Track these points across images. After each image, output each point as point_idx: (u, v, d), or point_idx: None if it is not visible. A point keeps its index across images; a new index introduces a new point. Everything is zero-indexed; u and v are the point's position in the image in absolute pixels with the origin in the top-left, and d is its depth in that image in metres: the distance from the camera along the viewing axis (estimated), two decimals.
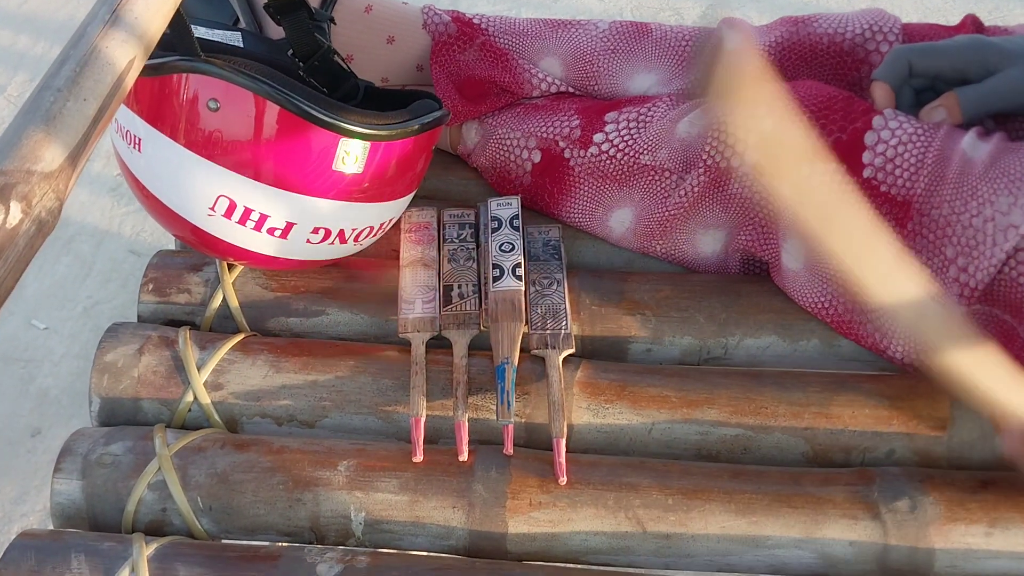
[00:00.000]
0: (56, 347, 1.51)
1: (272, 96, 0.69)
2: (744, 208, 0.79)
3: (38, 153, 0.49)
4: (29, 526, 1.34)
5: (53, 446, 1.41)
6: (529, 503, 0.67)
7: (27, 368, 1.49)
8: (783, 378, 0.75)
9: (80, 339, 1.52)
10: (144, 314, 0.81)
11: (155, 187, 0.73)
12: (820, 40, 0.85)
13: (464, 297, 0.79)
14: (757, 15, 1.86)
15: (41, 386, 1.47)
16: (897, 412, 0.72)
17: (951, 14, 1.85)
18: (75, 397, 1.47)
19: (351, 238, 0.77)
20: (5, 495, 1.36)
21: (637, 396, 0.73)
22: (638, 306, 0.79)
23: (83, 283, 1.60)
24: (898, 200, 0.72)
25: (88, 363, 1.49)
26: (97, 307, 1.57)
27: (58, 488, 0.70)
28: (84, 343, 1.52)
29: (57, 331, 1.53)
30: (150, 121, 0.71)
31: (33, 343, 1.52)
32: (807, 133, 0.74)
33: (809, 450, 0.72)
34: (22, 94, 1.83)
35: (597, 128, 0.84)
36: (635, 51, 0.89)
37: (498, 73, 0.88)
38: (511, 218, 0.83)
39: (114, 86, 0.54)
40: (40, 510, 1.35)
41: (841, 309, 0.77)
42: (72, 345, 1.52)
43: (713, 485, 0.68)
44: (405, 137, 0.73)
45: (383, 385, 0.74)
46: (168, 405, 0.75)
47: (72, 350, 1.51)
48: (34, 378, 1.48)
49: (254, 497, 0.68)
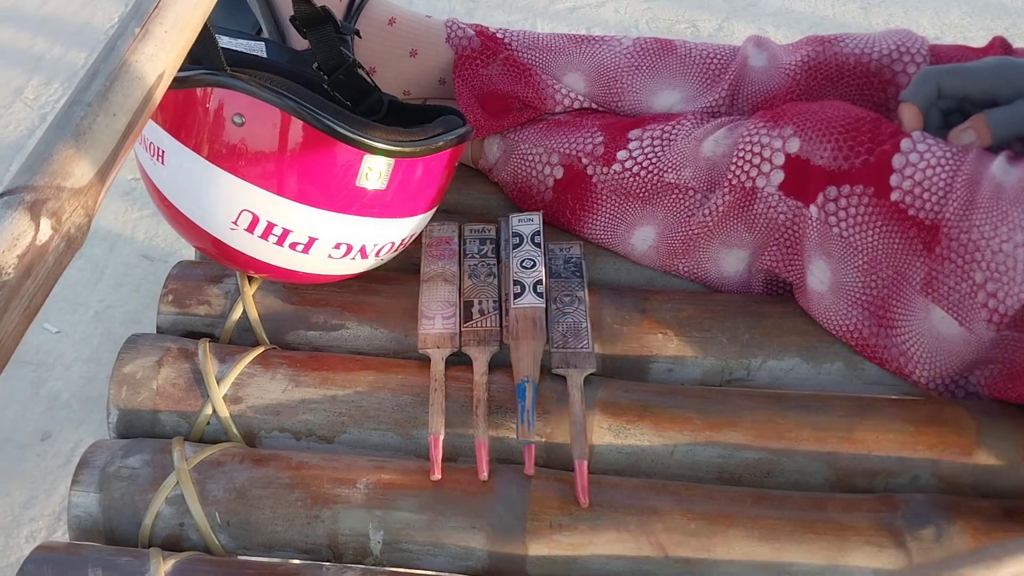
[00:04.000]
0: (67, 351, 1.51)
1: (297, 112, 0.68)
2: (769, 228, 0.78)
3: (68, 169, 0.48)
4: (38, 531, 1.34)
5: (63, 450, 1.41)
6: (550, 525, 0.67)
7: (38, 372, 1.49)
8: (807, 401, 0.74)
9: (91, 343, 1.52)
10: (163, 325, 0.81)
11: (177, 200, 0.73)
12: (847, 60, 0.84)
13: (485, 313, 0.78)
14: (773, 30, 1.86)
15: (52, 390, 1.47)
16: (922, 437, 0.72)
17: (968, 30, 1.85)
18: (85, 401, 1.46)
19: (372, 253, 0.76)
20: (14, 499, 1.35)
21: (659, 417, 0.73)
22: (660, 325, 0.79)
23: (95, 287, 1.60)
24: (926, 224, 0.71)
25: (99, 367, 1.49)
26: (108, 311, 1.57)
27: (75, 500, 0.69)
28: (95, 347, 1.52)
29: (68, 335, 1.53)
30: (174, 134, 0.70)
31: (44, 346, 1.51)
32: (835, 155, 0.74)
33: (832, 475, 0.72)
34: (38, 96, 1.82)
35: (621, 145, 0.83)
36: (659, 68, 0.88)
37: (521, 88, 0.88)
38: (532, 234, 0.83)
39: (143, 101, 0.54)
40: (49, 514, 1.35)
41: (866, 332, 0.76)
42: (83, 349, 1.51)
43: (736, 510, 0.67)
44: (429, 154, 0.73)
45: (402, 401, 0.74)
46: (187, 418, 0.74)
47: (83, 354, 1.51)
48: (44, 382, 1.48)
49: (272, 513, 0.68)
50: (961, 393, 0.76)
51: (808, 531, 0.66)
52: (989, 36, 1.46)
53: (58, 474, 1.38)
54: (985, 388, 0.75)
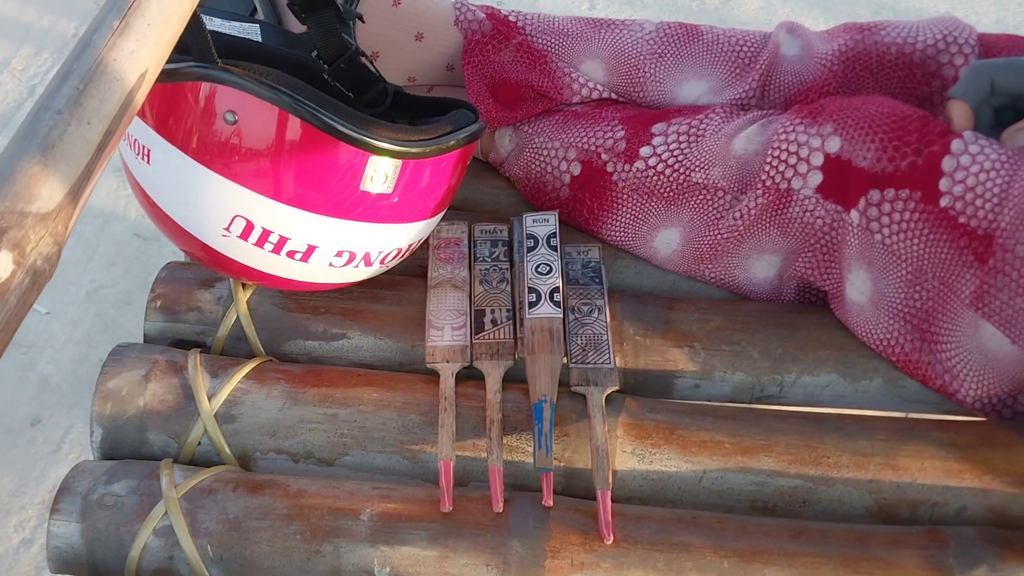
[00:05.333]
0: (58, 333, 1.46)
1: (295, 109, 0.62)
2: (805, 233, 0.72)
3: (33, 190, 0.42)
4: (27, 519, 1.29)
5: (53, 436, 1.36)
6: (571, 563, 0.61)
7: (28, 354, 1.44)
8: (846, 423, 0.69)
9: (83, 325, 1.47)
10: (151, 333, 0.75)
11: (164, 202, 0.67)
12: (888, 50, 0.78)
13: (497, 324, 0.72)
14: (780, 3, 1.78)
15: (42, 373, 1.42)
16: (970, 464, 0.66)
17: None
18: (77, 385, 1.42)
19: (377, 260, 0.70)
20: (3, 487, 1.31)
21: (687, 440, 0.67)
22: (686, 337, 0.73)
23: (86, 266, 1.54)
24: (979, 233, 0.65)
25: (91, 350, 1.44)
26: (100, 291, 1.52)
27: (55, 531, 0.64)
28: (87, 329, 1.47)
29: (59, 316, 1.48)
30: (160, 131, 0.64)
31: (34, 328, 1.46)
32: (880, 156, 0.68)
33: (873, 504, 0.66)
34: (27, 68, 1.76)
35: (644, 141, 0.77)
36: (684, 56, 0.82)
37: (535, 76, 0.81)
38: (548, 236, 0.77)
39: (123, 106, 0.48)
40: (39, 503, 1.30)
41: (908, 347, 0.71)
42: (75, 331, 1.47)
43: (772, 546, 0.62)
44: (439, 154, 0.67)
45: (409, 422, 0.68)
46: (176, 437, 0.69)
47: (75, 336, 1.46)
48: (35, 365, 1.43)
49: (269, 547, 0.63)
50: (1009, 413, 0.71)
51: (851, 571, 0.61)
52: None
53: (48, 461, 1.34)
54: None
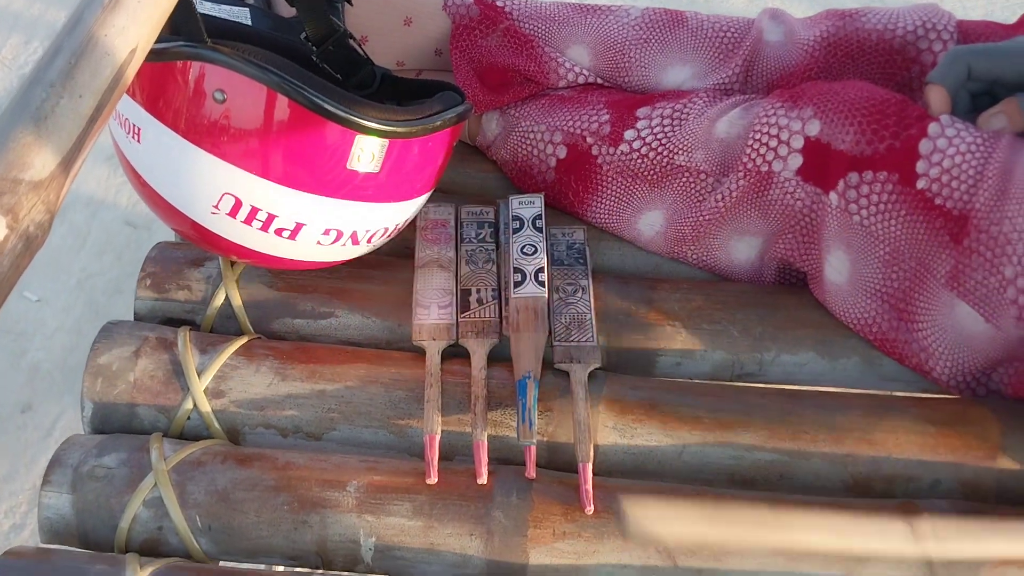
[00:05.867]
0: (49, 320, 1.47)
1: (283, 88, 0.63)
2: (785, 215, 0.74)
3: (26, 159, 0.43)
4: (18, 505, 1.30)
5: (44, 423, 1.37)
6: (552, 533, 0.63)
7: (18, 341, 1.44)
8: (823, 399, 0.70)
9: (73, 312, 1.48)
10: (141, 311, 0.76)
11: (154, 180, 0.68)
12: (869, 36, 0.79)
13: (483, 303, 0.74)
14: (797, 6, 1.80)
15: (32, 360, 1.43)
16: (944, 440, 0.68)
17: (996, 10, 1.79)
18: (67, 372, 1.42)
19: (364, 239, 0.72)
20: None
21: (667, 416, 0.69)
22: (668, 317, 0.75)
23: (77, 254, 1.55)
24: (954, 214, 0.67)
25: (81, 337, 1.45)
26: (91, 279, 1.52)
27: (47, 502, 0.65)
28: (77, 316, 1.47)
29: (50, 303, 1.49)
30: (151, 110, 0.65)
31: (25, 315, 1.47)
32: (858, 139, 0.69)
33: (849, 478, 0.68)
34: (16, 56, 1.77)
35: (628, 124, 0.78)
36: (669, 42, 0.83)
37: (522, 61, 0.83)
38: (534, 218, 0.78)
39: (113, 80, 0.49)
40: (29, 489, 1.31)
41: (886, 327, 0.72)
42: (65, 318, 1.47)
43: None
44: (426, 134, 0.68)
45: (395, 397, 0.70)
46: (166, 412, 0.70)
47: (65, 323, 1.47)
48: (25, 352, 1.44)
49: (257, 518, 0.64)
50: (983, 391, 0.72)
51: None
52: (1019, 13, 1.40)
53: (39, 447, 1.35)
54: (1008, 387, 0.71)
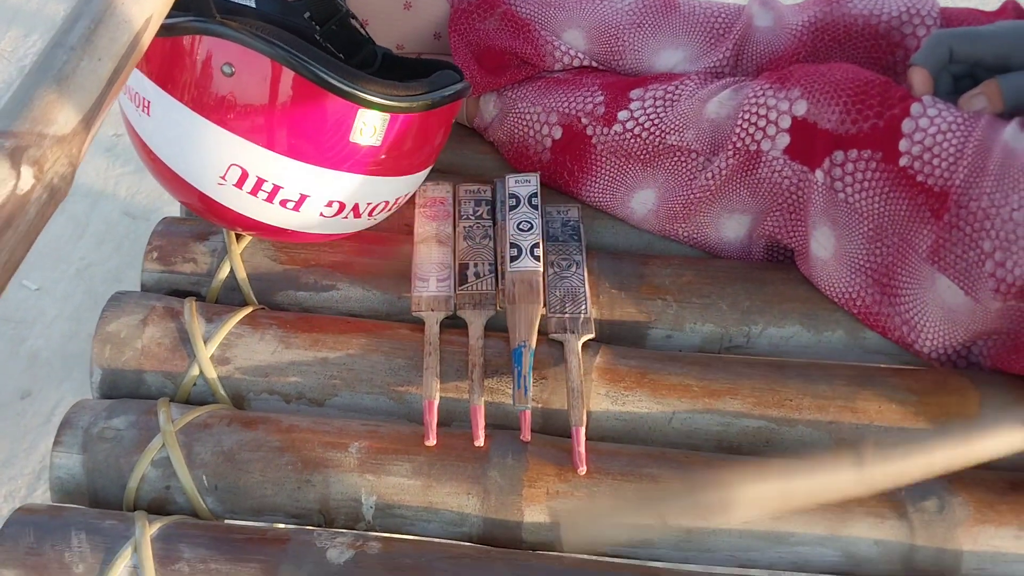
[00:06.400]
0: (48, 308, 1.48)
1: (289, 62, 0.65)
2: (772, 193, 0.76)
3: (50, 115, 0.46)
4: (17, 490, 1.32)
5: (43, 409, 1.38)
6: (546, 492, 0.65)
7: (17, 329, 1.46)
8: (809, 369, 0.72)
9: (72, 301, 1.49)
10: (148, 283, 0.78)
11: (163, 152, 0.70)
12: (855, 21, 0.82)
13: (480, 276, 0.76)
14: None
15: (32, 347, 1.45)
16: (924, 408, 0.70)
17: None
18: (66, 360, 1.44)
19: (366, 212, 0.74)
20: None
21: (657, 384, 0.71)
22: (659, 291, 0.77)
23: (76, 244, 1.57)
24: (935, 191, 0.69)
25: (80, 326, 1.46)
26: (90, 269, 1.54)
27: (58, 462, 0.67)
28: (76, 305, 1.49)
29: (49, 292, 1.50)
30: (160, 83, 0.68)
31: (24, 303, 1.48)
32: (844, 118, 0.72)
33: (833, 445, 0.70)
34: (16, 49, 1.78)
35: (622, 105, 0.81)
36: (662, 26, 0.86)
37: (519, 44, 0.85)
38: (530, 196, 0.81)
39: (130, 46, 0.51)
40: (28, 473, 1.33)
41: (869, 300, 0.74)
42: (64, 307, 1.49)
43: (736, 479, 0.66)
44: (426, 109, 0.70)
45: (396, 364, 0.72)
46: (172, 379, 0.72)
47: (64, 312, 1.48)
48: (25, 339, 1.45)
49: (262, 477, 0.66)
50: (963, 363, 0.75)
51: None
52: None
53: (38, 433, 1.36)
54: (987, 359, 0.73)
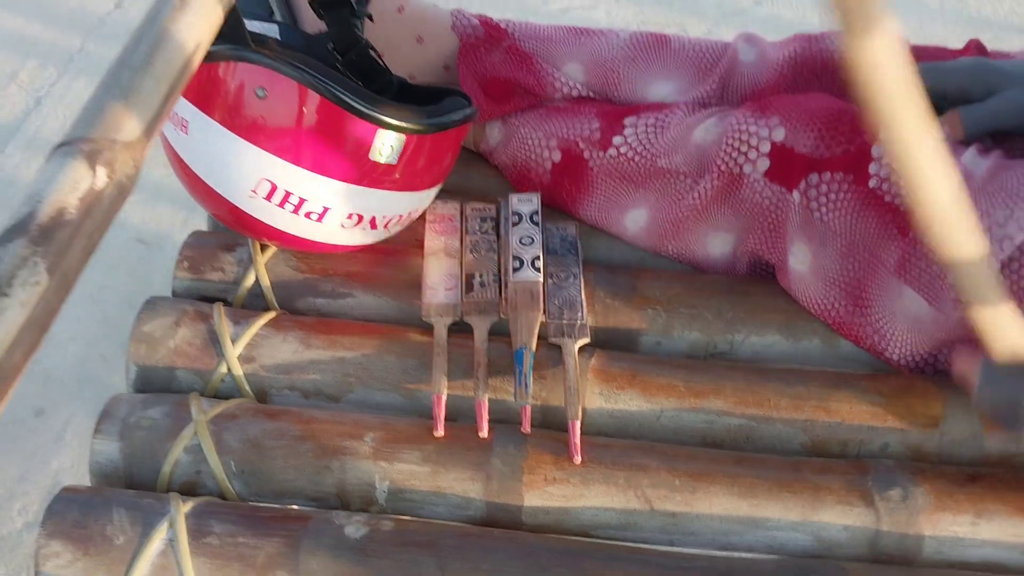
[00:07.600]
0: (62, 330, 1.52)
1: (316, 87, 0.73)
2: (754, 213, 0.83)
3: (119, 124, 0.53)
4: (30, 504, 1.35)
5: (55, 426, 1.41)
6: (544, 479, 0.71)
7: None
8: (786, 374, 0.79)
9: (86, 324, 1.52)
10: (179, 290, 0.85)
11: (199, 168, 0.77)
12: (832, 56, 0.90)
13: (485, 286, 0.83)
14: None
15: (46, 367, 1.48)
16: (892, 409, 0.77)
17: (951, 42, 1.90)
18: (80, 379, 1.47)
19: (382, 224, 0.81)
20: (8, 473, 1.36)
21: (647, 384, 0.77)
22: (650, 302, 0.84)
23: (90, 269, 1.56)
24: (901, 210, 0.76)
25: (92, 348, 1.50)
26: (103, 293, 1.57)
27: (98, 448, 0.73)
28: (90, 329, 1.52)
29: (63, 315, 1.48)
30: (198, 104, 0.75)
31: None
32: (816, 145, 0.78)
33: (808, 441, 0.77)
34: (33, 80, 1.81)
35: (616, 131, 0.88)
36: (654, 61, 0.93)
37: (522, 75, 0.92)
38: (531, 213, 0.87)
39: (183, 67, 0.58)
40: (41, 488, 1.36)
41: (843, 311, 0.81)
42: (78, 329, 1.52)
43: (718, 469, 0.72)
44: (437, 131, 0.77)
45: (407, 364, 0.78)
46: (202, 375, 0.78)
47: (78, 334, 1.51)
48: (39, 359, 1.47)
49: (284, 463, 0.72)
50: (931, 371, 0.81)
51: (784, 490, 0.71)
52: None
53: (50, 449, 1.39)
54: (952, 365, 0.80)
